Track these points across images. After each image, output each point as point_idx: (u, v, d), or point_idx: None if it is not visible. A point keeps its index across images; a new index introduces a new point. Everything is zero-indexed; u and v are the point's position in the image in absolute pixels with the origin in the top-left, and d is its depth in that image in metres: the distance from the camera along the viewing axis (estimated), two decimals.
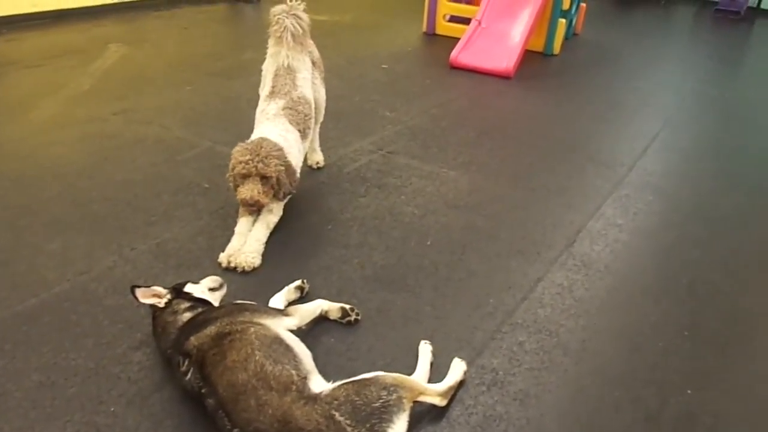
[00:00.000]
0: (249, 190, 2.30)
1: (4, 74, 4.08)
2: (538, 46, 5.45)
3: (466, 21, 5.62)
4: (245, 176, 2.31)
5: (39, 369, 1.77)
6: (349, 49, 5.24)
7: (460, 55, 4.90)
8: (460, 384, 1.77)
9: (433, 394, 1.66)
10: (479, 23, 5.14)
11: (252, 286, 2.17)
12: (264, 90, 2.67)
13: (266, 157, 2.31)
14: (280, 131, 2.46)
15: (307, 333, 1.92)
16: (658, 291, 2.32)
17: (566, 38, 5.78)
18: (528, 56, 5.11)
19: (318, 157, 3.04)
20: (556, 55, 5.49)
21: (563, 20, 5.36)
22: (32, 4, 5.07)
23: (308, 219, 2.64)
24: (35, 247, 2.31)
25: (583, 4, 6.24)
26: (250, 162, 2.29)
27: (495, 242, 2.55)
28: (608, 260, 2.48)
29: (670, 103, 4.51)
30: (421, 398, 1.62)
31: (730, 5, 7.94)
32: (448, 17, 5.86)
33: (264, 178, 2.31)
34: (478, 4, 5.63)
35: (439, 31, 5.88)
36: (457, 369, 1.79)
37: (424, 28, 5.91)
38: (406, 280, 2.27)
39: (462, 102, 4.27)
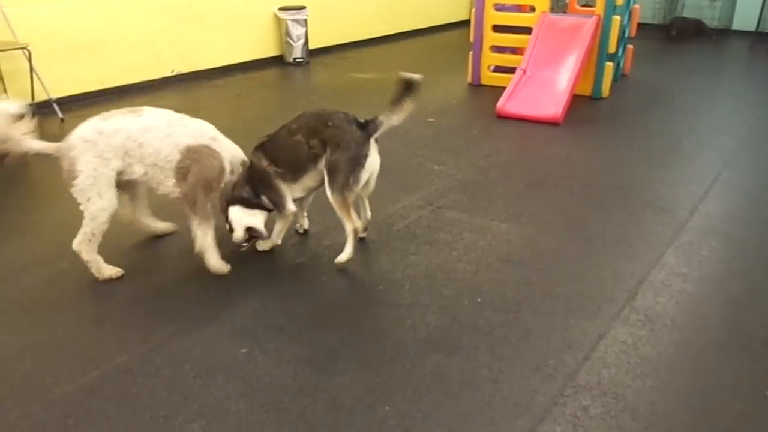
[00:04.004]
0: None
1: None
2: (586, 90, 5.40)
3: (511, 70, 5.65)
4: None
5: None
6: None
7: (506, 104, 4.90)
8: None
9: None
10: (524, 72, 5.15)
11: (303, 348, 2.16)
12: None
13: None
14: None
15: (358, 399, 1.88)
16: (732, 346, 2.17)
17: (614, 80, 5.71)
18: (576, 101, 5.07)
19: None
20: (604, 99, 5.42)
21: (610, 63, 5.31)
22: (99, 81, 5.42)
23: (359, 280, 2.64)
24: (98, 319, 2.38)
25: (631, 46, 6.18)
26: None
27: (551, 298, 2.46)
28: (674, 313, 2.35)
29: (729, 142, 4.34)
30: None
31: None
32: (492, 67, 5.91)
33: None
34: (522, 54, 5.66)
35: (484, 81, 5.92)
36: None
37: (469, 79, 5.97)
38: (460, 342, 2.21)
39: (510, 152, 4.24)
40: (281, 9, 6.66)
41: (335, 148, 2.55)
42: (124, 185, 2.62)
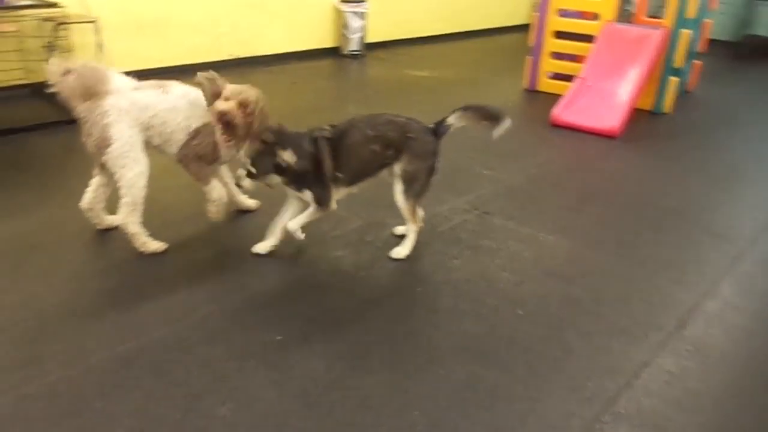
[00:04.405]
0: (224, 104, 2.49)
1: None
2: (647, 104, 5.22)
3: (568, 78, 5.51)
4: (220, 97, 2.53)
5: (131, 415, 1.81)
6: (449, 104, 5.22)
7: (563, 112, 4.78)
8: None
9: None
10: (584, 80, 5.01)
11: (337, 342, 2.14)
12: None
13: (242, 93, 2.52)
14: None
15: (389, 400, 1.85)
16: None
17: (677, 96, 5.50)
18: (635, 114, 4.90)
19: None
20: (666, 114, 5.22)
21: (675, 78, 5.12)
22: (160, 60, 5.52)
23: (398, 279, 2.60)
24: (140, 292, 2.42)
25: (698, 61, 5.94)
26: (230, 95, 2.51)
27: (596, 318, 2.38)
28: (725, 347, 2.24)
29: None
30: None
31: None
32: (550, 74, 5.77)
33: (242, 105, 2.49)
34: (582, 62, 5.51)
35: (540, 87, 5.79)
36: None
37: (526, 84, 5.85)
38: (497, 353, 2.15)
39: (563, 162, 4.13)
40: (342, 1, 6.66)
41: (414, 158, 2.56)
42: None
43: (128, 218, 2.58)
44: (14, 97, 4.66)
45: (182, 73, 5.75)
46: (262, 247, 2.68)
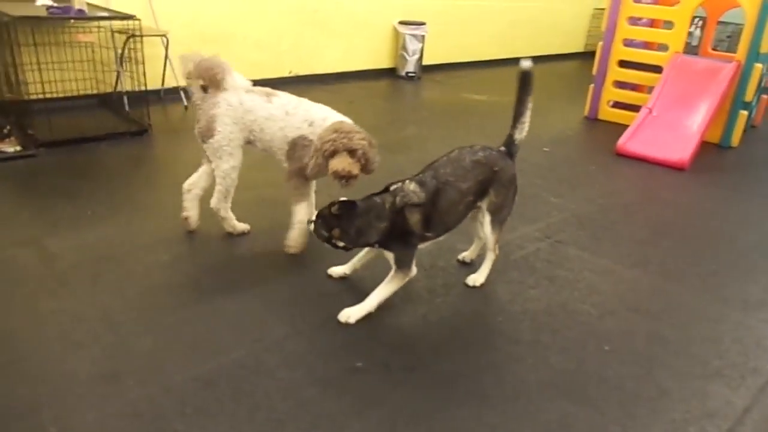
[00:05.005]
0: (340, 163, 2.44)
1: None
2: (714, 137, 5.07)
3: (629, 107, 5.41)
4: (333, 153, 2.47)
5: None
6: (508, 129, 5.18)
7: (628, 142, 4.66)
8: None
9: None
10: (650, 111, 4.89)
11: (420, 372, 2.07)
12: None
13: (349, 133, 2.48)
14: (335, 113, 2.71)
15: None
16: None
17: (744, 130, 5.34)
18: (701, 147, 4.75)
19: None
20: (733, 148, 5.06)
21: (744, 112, 4.97)
22: None
23: (477, 308, 2.52)
24: (214, 309, 2.39)
25: (766, 96, 5.77)
26: (336, 139, 2.46)
27: (686, 358, 2.26)
28: None
29: None
30: None
31: None
32: (611, 103, 5.67)
33: (351, 152, 2.47)
34: (643, 91, 5.41)
35: (601, 116, 5.69)
36: None
37: (586, 112, 5.75)
38: (587, 391, 2.05)
39: (632, 193, 4.01)
40: (401, 23, 6.69)
41: (500, 189, 2.50)
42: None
43: (220, 204, 2.83)
44: (85, 106, 4.77)
45: None
46: (336, 271, 2.64)
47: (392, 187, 2.35)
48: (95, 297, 2.41)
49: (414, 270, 2.40)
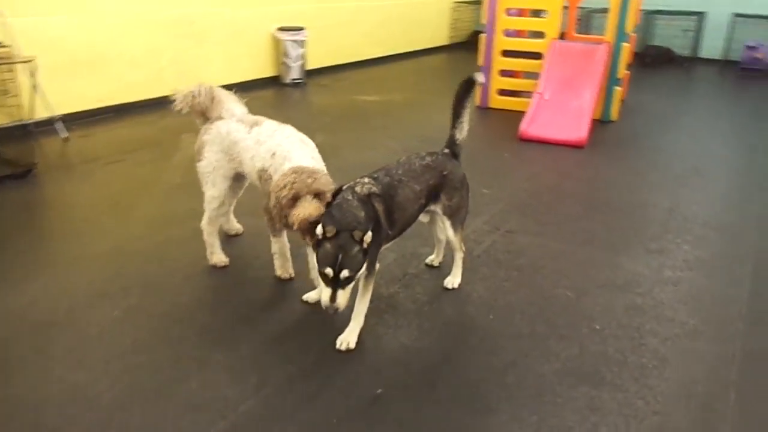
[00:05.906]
0: (305, 209, 2.05)
1: (91, 172, 4.00)
2: (595, 114, 5.49)
3: (514, 94, 5.73)
4: (296, 198, 2.10)
5: None
6: (414, 127, 5.24)
7: (529, 127, 4.92)
8: None
9: None
10: (542, 95, 5.19)
11: (441, 386, 2.01)
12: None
13: (314, 173, 2.16)
14: (311, 153, 2.38)
15: None
16: None
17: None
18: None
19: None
20: (613, 122, 5.54)
21: (618, 88, 5.44)
22: (97, 99, 5.08)
23: (465, 310, 2.51)
24: (199, 363, 2.14)
25: (627, 71, 6.36)
26: (296, 181, 2.11)
27: (666, 322, 2.42)
28: None
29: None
30: None
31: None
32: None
33: (317, 195, 2.11)
34: (519, 77, 5.74)
35: (492, 104, 5.94)
36: None
37: (478, 102, 5.98)
38: (600, 372, 2.12)
39: (550, 175, 4.23)
40: (280, 29, 6.50)
41: (453, 192, 2.48)
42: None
43: (205, 227, 2.74)
44: None
45: (122, 112, 5.34)
46: (312, 296, 2.49)
47: (344, 186, 2.16)
48: (53, 373, 2.06)
49: (377, 265, 2.27)
